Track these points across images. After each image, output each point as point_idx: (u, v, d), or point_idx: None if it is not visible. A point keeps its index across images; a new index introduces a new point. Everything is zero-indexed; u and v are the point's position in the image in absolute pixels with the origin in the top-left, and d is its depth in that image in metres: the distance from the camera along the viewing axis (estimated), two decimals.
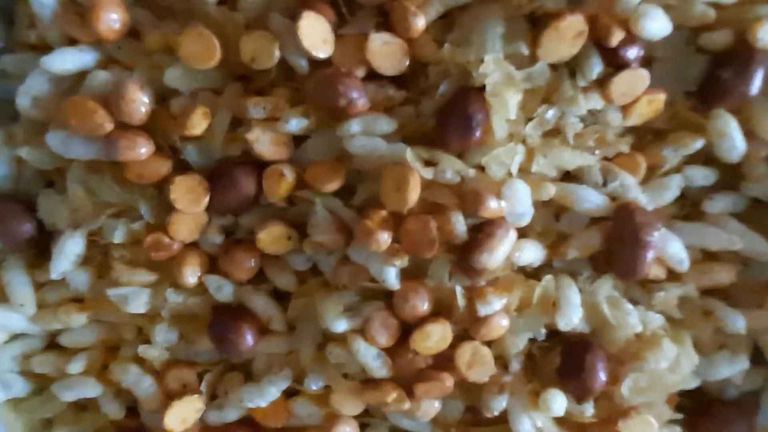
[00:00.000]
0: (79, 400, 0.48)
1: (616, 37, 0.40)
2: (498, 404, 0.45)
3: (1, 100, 0.46)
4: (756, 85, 0.41)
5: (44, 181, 0.47)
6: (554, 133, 0.43)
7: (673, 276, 0.45)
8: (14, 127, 0.45)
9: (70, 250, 0.44)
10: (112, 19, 0.41)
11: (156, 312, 0.46)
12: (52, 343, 0.48)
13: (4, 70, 0.45)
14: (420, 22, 0.40)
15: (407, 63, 0.42)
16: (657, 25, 0.39)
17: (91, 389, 0.47)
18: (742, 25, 0.41)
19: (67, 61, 0.42)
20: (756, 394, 0.47)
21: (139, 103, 0.41)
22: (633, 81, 0.41)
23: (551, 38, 0.40)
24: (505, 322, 0.43)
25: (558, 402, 0.44)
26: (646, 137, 0.45)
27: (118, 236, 0.44)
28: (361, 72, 0.42)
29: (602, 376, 0.43)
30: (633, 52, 0.40)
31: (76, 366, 0.46)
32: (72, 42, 0.43)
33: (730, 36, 0.42)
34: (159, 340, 0.46)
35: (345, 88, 0.40)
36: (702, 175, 0.44)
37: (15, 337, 0.48)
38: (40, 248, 0.47)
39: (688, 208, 0.46)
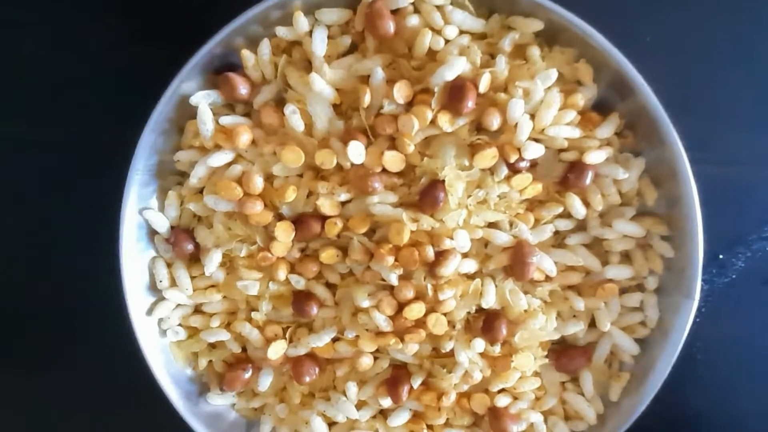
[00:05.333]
0: (215, 342, 0.59)
1: (513, 157, 0.53)
2: (449, 346, 0.56)
3: (173, 173, 0.59)
4: (587, 181, 0.55)
5: (196, 219, 0.59)
6: (483, 203, 0.54)
7: (547, 278, 0.56)
8: (181, 189, 0.58)
9: (214, 260, 0.57)
10: (244, 138, 0.54)
11: (261, 294, 0.57)
12: (198, 310, 0.60)
13: (178, 160, 0.58)
14: (411, 147, 0.53)
15: (404, 165, 0.53)
16: (534, 151, 0.53)
17: (223, 336, 0.59)
18: (582, 149, 0.54)
19: (219, 159, 0.55)
20: (595, 344, 0.59)
21: (257, 182, 0.54)
22: (523, 179, 0.54)
23: (480, 158, 0.53)
24: (453, 303, 0.54)
25: (480, 345, 0.55)
26: (533, 204, 0.56)
27: (243, 253, 0.56)
28: (379, 169, 0.53)
29: (504, 332, 0.55)
30: (523, 164, 0.54)
31: (215, 322, 0.59)
32: (218, 146, 0.56)
33: (575, 155, 0.54)
34: (263, 309, 0.57)
35: (371, 181, 0.53)
36: (564, 224, 0.56)
37: (178, 305, 0.60)
38: (195, 258, 0.59)
39: (558, 241, 0.57)
